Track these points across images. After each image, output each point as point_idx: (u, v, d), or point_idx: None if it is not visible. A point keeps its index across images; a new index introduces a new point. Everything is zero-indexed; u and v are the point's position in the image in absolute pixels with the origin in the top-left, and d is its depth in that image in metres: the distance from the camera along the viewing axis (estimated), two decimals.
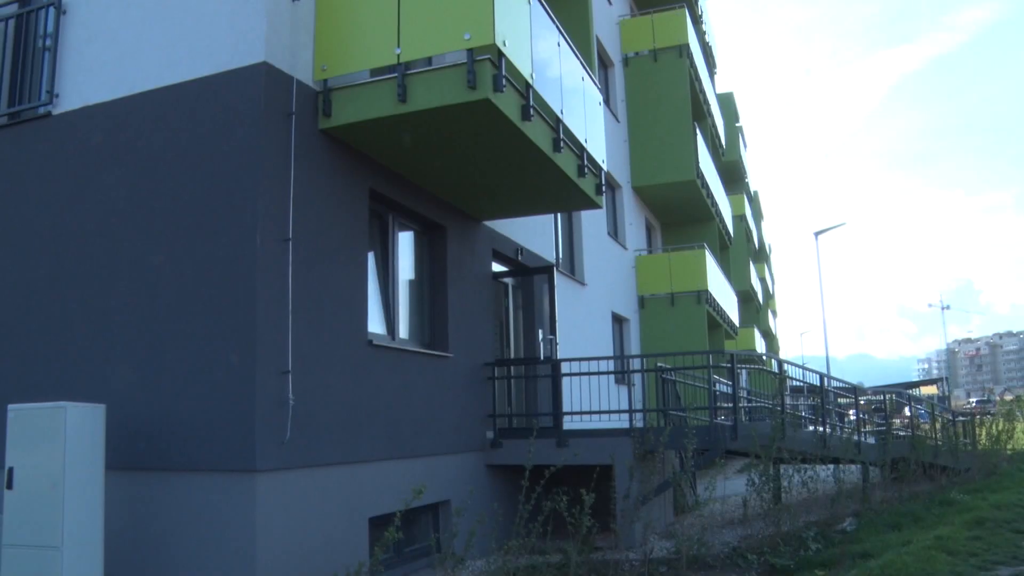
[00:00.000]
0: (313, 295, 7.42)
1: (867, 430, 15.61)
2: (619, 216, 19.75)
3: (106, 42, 7.95)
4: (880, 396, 19.19)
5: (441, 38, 7.41)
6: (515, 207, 11.10)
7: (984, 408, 47.69)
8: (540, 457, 8.41)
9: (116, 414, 6.95)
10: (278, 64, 7.29)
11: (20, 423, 6.52)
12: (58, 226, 7.92)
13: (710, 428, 10.12)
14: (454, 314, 10.08)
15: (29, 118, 8.31)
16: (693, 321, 20.34)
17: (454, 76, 7.32)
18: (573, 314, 14.92)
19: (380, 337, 8.78)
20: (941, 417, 19.25)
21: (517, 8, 7.86)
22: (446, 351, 9.82)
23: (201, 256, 7.11)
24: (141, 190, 7.52)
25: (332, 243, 7.83)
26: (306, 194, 7.44)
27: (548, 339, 12.19)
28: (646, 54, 21.30)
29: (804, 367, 13.62)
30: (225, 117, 7.22)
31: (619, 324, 19.35)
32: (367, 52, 7.72)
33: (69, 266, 7.78)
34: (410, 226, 9.86)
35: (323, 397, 7.44)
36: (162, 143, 7.49)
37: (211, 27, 7.42)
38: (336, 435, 7.61)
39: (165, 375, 7.09)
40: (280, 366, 6.92)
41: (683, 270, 20.71)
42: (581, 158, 9.82)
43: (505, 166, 9.13)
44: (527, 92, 8.06)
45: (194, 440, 6.87)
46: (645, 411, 11.58)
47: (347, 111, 7.71)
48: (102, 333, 7.48)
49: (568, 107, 9.21)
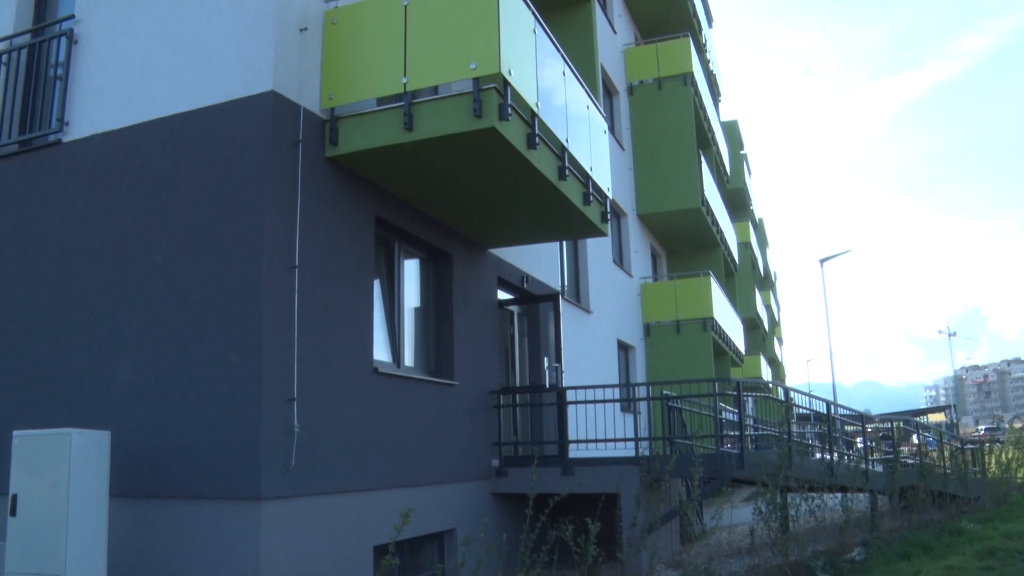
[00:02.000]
0: (319, 322, 7.43)
1: (875, 458, 15.51)
2: (624, 243, 19.77)
3: (116, 71, 8.03)
4: (888, 424, 19.08)
5: (447, 67, 7.48)
6: (521, 235, 11.12)
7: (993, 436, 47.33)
8: (546, 485, 8.37)
9: (121, 440, 6.94)
10: (285, 93, 7.35)
11: (25, 449, 6.51)
12: (65, 252, 7.96)
13: (716, 456, 10.06)
14: (460, 342, 10.08)
15: (39, 145, 8.39)
16: (699, 349, 20.27)
17: (460, 105, 7.38)
18: (579, 342, 14.90)
19: (385, 365, 8.77)
20: (949, 445, 19.12)
21: (522, 38, 7.92)
22: (451, 379, 9.80)
23: (207, 283, 7.13)
24: (148, 217, 7.56)
25: (338, 270, 7.85)
26: (312, 221, 7.48)
27: (554, 367, 12.17)
28: (651, 82, 21.44)
29: (811, 394, 13.57)
30: (233, 145, 7.28)
31: (625, 352, 19.30)
32: (374, 81, 7.79)
33: (75, 292, 7.81)
34: (416, 253, 9.89)
35: (328, 425, 7.43)
36: (170, 170, 7.54)
37: (219, 56, 7.49)
38: (341, 463, 7.58)
39: (170, 401, 7.09)
40: (285, 393, 6.91)
41: (688, 297, 20.68)
42: (586, 186, 9.85)
43: (511, 194, 9.16)
44: (532, 121, 8.11)
45: (199, 467, 6.85)
46: (651, 439, 11.53)
47: (354, 139, 7.76)
48: (108, 359, 7.49)
49: (573, 135, 9.26)
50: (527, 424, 11.87)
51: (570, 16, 13.29)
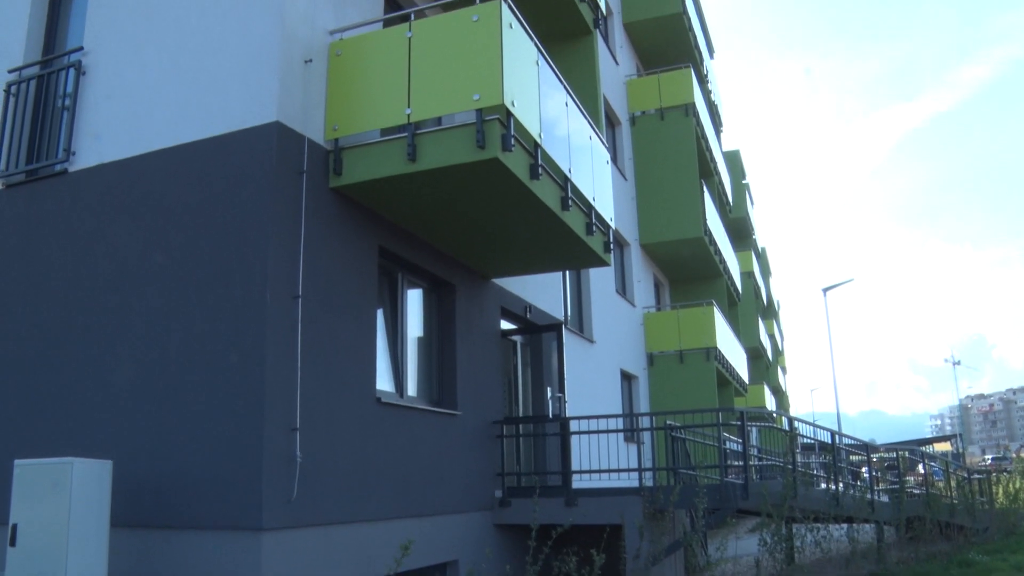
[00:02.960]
0: (322, 352, 7.43)
1: (881, 488, 15.40)
2: (627, 273, 19.79)
3: (122, 102, 8.11)
4: (893, 453, 18.97)
5: (451, 98, 7.54)
6: (524, 265, 11.14)
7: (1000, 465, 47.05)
8: (549, 516, 8.32)
9: (122, 469, 6.92)
10: (290, 123, 7.41)
11: (26, 478, 6.49)
12: (70, 280, 7.98)
13: (721, 487, 10.00)
14: (463, 372, 10.06)
15: (46, 175, 8.44)
16: (702, 378, 20.22)
17: (463, 136, 7.43)
18: (582, 371, 14.87)
19: (388, 395, 8.76)
20: (956, 475, 18.99)
21: (525, 69, 7.99)
22: (454, 409, 9.78)
23: (211, 312, 7.15)
24: (153, 246, 7.59)
25: (341, 300, 7.86)
26: (316, 251, 7.50)
27: (557, 397, 12.14)
28: (653, 113, 21.57)
29: (815, 424, 13.49)
30: (237, 175, 7.32)
31: (628, 381, 19.25)
32: (378, 112, 7.85)
33: (79, 320, 7.82)
34: (419, 283, 9.90)
35: (331, 455, 7.40)
36: (174, 200, 7.58)
37: (225, 87, 7.56)
38: (343, 493, 7.55)
39: (173, 431, 7.08)
40: (288, 423, 6.90)
41: (692, 327, 20.66)
42: (589, 216, 9.89)
43: (514, 224, 9.19)
44: (535, 151, 8.15)
45: (200, 497, 6.82)
46: (655, 469, 11.47)
47: (357, 170, 7.81)
48: (110, 388, 7.49)
49: (576, 166, 9.30)
50: (530, 454, 11.81)
51: (572, 47, 13.40)
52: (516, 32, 7.76)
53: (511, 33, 7.58)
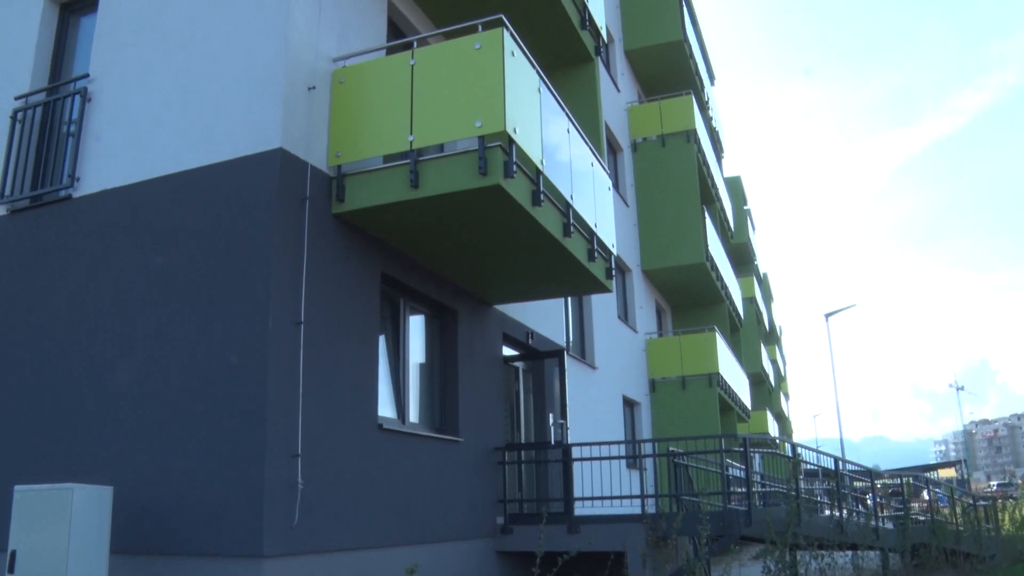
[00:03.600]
0: (324, 378, 7.42)
1: (885, 515, 15.30)
2: (629, 299, 19.79)
3: (127, 128, 8.16)
4: (897, 479, 18.86)
5: (453, 125, 7.59)
6: (526, 291, 11.15)
7: (1006, 492, 46.78)
8: (551, 543, 8.25)
9: (123, 495, 6.89)
10: (293, 150, 7.45)
11: (25, 504, 6.47)
12: (73, 305, 8.00)
13: (724, 514, 9.94)
14: (464, 398, 10.05)
15: (50, 200, 8.48)
16: (705, 404, 20.15)
17: (465, 162, 7.46)
18: (584, 398, 14.83)
19: (390, 421, 8.74)
20: (961, 501, 18.86)
21: (527, 96, 8.04)
22: (456, 435, 9.75)
23: (213, 337, 7.15)
24: (156, 271, 7.61)
25: (343, 326, 7.87)
26: (318, 277, 7.52)
27: (559, 423, 12.10)
28: (654, 139, 21.66)
29: (818, 450, 13.44)
30: (240, 201, 7.36)
31: (630, 408, 19.20)
32: (380, 139, 7.90)
33: (81, 345, 7.83)
34: (421, 309, 9.91)
35: (332, 481, 7.38)
36: (178, 225, 7.61)
37: (229, 114, 7.62)
38: (344, 520, 7.51)
39: (173, 457, 7.06)
40: (290, 449, 6.88)
41: (694, 353, 20.62)
42: (591, 242, 9.91)
43: (516, 251, 9.21)
44: (537, 178, 8.18)
45: (201, 523, 6.79)
46: (657, 496, 11.40)
47: (360, 196, 7.84)
48: (112, 413, 7.47)
49: (578, 192, 9.34)
50: (532, 481, 11.76)
51: (574, 75, 13.49)
52: (518, 59, 7.82)
53: (513, 61, 7.64)
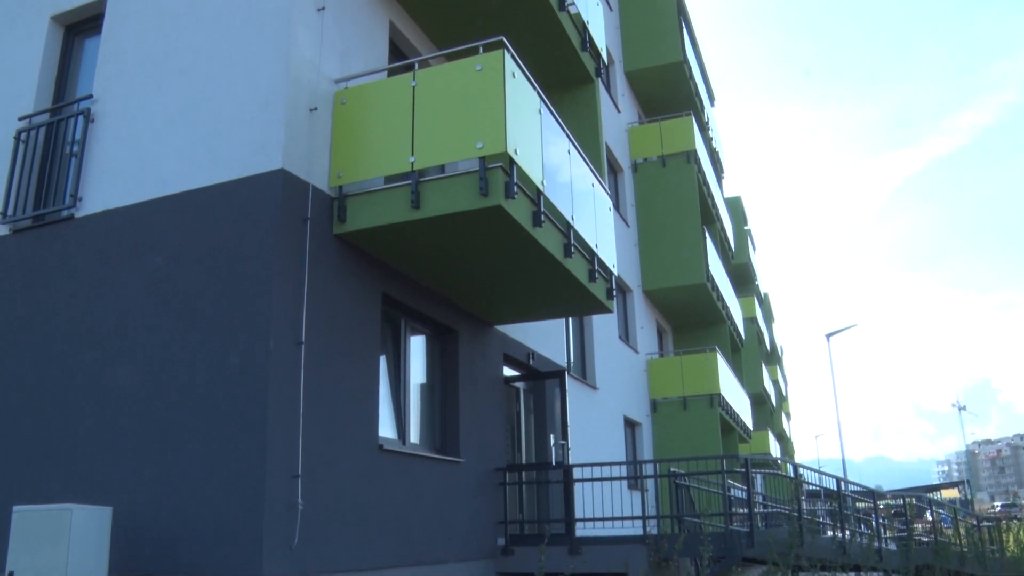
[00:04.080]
0: (324, 399, 7.41)
1: (888, 536, 15.22)
2: (630, 319, 19.79)
3: (130, 149, 8.20)
4: (900, 500, 18.77)
5: (454, 146, 7.61)
6: (527, 311, 11.16)
7: (1010, 513, 46.54)
8: (552, 565, 8.23)
9: (122, 516, 6.87)
10: (295, 171, 7.48)
11: (24, 525, 6.43)
12: (74, 325, 8.00)
13: (725, 535, 9.90)
14: (465, 419, 10.03)
15: (52, 220, 8.51)
16: (706, 425, 20.10)
17: (466, 183, 7.49)
18: (585, 418, 14.80)
19: (391, 442, 8.72)
20: (965, 522, 18.76)
21: (528, 117, 8.08)
22: (457, 456, 9.72)
23: (214, 358, 7.15)
24: (157, 292, 7.62)
25: (344, 347, 7.87)
26: (320, 298, 7.53)
27: (560, 444, 12.07)
28: (655, 160, 21.74)
29: (820, 471, 13.39)
30: (242, 222, 7.38)
31: (631, 428, 19.15)
32: (382, 160, 7.93)
33: (82, 365, 7.82)
34: (422, 330, 9.91)
35: (333, 502, 7.35)
36: (179, 246, 7.63)
37: (231, 135, 7.65)
38: (345, 541, 7.48)
39: (173, 477, 7.04)
40: (290, 470, 6.86)
41: (695, 373, 20.59)
42: (592, 263, 9.92)
43: (517, 271, 9.23)
44: (538, 199, 8.21)
45: (201, 544, 6.76)
46: (659, 517, 11.37)
47: (361, 217, 7.87)
48: (112, 433, 7.45)
49: (579, 212, 9.36)
50: (533, 502, 11.72)
51: (575, 96, 13.56)
52: (519, 81, 7.87)
53: (514, 82, 7.68)
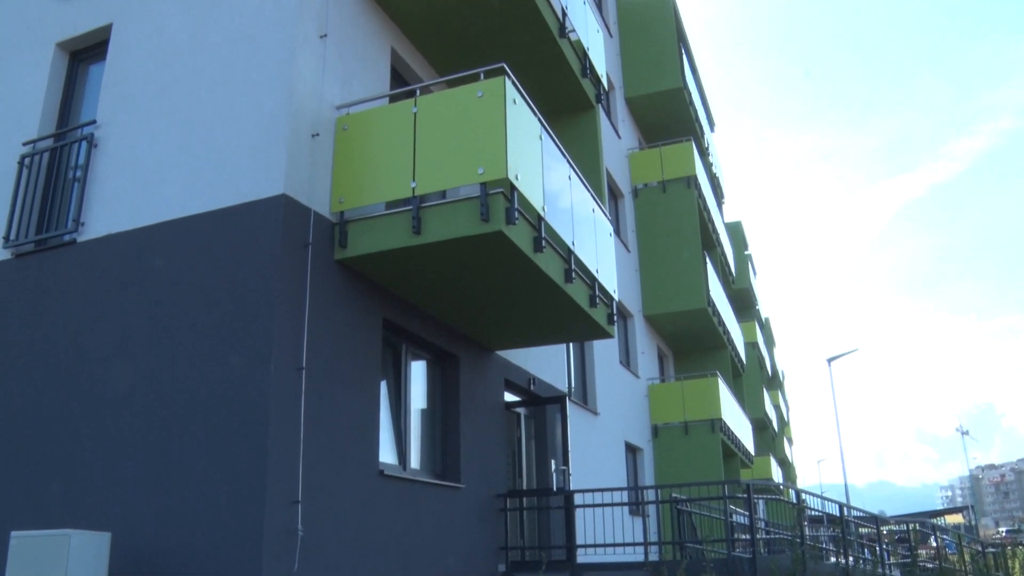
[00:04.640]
0: (325, 424, 7.40)
1: (892, 562, 15.12)
2: (631, 345, 19.77)
3: (133, 174, 8.24)
4: (903, 526, 18.67)
5: (455, 172, 7.65)
6: (527, 337, 11.16)
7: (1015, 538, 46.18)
8: None
9: (121, 541, 6.83)
10: (296, 196, 7.52)
11: (22, 551, 6.39)
12: (75, 349, 7.99)
13: (728, 561, 9.83)
14: (466, 444, 10.00)
15: (55, 245, 8.54)
16: (708, 450, 20.03)
17: (467, 209, 7.52)
18: (586, 444, 14.75)
19: (391, 467, 8.69)
20: (970, 548, 18.64)
21: (529, 143, 8.13)
22: (458, 482, 9.69)
23: (215, 383, 7.15)
24: (159, 317, 7.62)
25: (345, 372, 7.86)
26: (320, 323, 7.54)
27: (561, 469, 12.02)
28: (655, 185, 21.82)
29: (823, 496, 13.33)
30: (243, 247, 7.40)
31: (633, 454, 19.08)
32: (383, 185, 7.96)
33: (83, 390, 7.81)
34: (423, 355, 9.91)
35: (333, 527, 7.32)
36: (181, 271, 7.65)
37: (233, 161, 7.69)
38: (345, 567, 7.44)
39: (173, 503, 7.00)
40: (290, 495, 6.84)
41: (696, 398, 20.55)
42: (592, 288, 9.94)
43: (517, 297, 9.24)
44: (539, 224, 8.24)
45: (200, 570, 6.71)
46: (660, 543, 11.30)
47: (362, 242, 7.89)
48: (111, 458, 7.43)
49: (579, 238, 9.39)
50: (534, 528, 11.66)
51: (575, 122, 13.64)
52: (520, 107, 7.92)
53: (515, 108, 7.73)
